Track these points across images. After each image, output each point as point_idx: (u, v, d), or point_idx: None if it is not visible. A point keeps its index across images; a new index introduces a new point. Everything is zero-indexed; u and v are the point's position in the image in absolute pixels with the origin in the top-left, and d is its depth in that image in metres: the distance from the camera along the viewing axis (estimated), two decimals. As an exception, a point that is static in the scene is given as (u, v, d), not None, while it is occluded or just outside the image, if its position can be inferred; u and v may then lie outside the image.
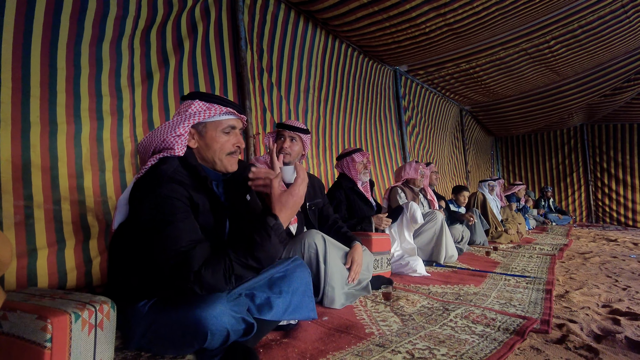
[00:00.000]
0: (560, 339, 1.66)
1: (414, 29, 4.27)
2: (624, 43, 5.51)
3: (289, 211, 1.38)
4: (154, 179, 1.30)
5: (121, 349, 1.37)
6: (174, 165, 1.35)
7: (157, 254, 1.22)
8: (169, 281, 1.23)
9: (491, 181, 6.20)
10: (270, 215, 1.34)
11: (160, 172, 1.31)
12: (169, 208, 1.25)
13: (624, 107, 8.33)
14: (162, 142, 1.40)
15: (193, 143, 1.44)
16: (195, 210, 1.34)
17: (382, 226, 2.89)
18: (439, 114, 7.30)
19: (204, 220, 1.37)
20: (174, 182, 1.29)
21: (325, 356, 1.36)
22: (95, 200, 2.27)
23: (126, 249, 1.35)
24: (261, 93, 3.62)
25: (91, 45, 2.30)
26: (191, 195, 1.32)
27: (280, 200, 1.37)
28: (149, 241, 1.25)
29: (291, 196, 1.38)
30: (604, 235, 6.43)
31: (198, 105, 1.42)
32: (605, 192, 9.71)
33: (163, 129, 1.41)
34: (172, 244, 1.21)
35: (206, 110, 1.42)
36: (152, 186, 1.28)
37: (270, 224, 1.31)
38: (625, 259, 3.97)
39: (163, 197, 1.26)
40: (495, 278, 2.86)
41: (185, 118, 1.40)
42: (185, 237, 1.23)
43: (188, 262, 1.19)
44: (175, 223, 1.23)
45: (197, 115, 1.41)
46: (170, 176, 1.30)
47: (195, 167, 1.41)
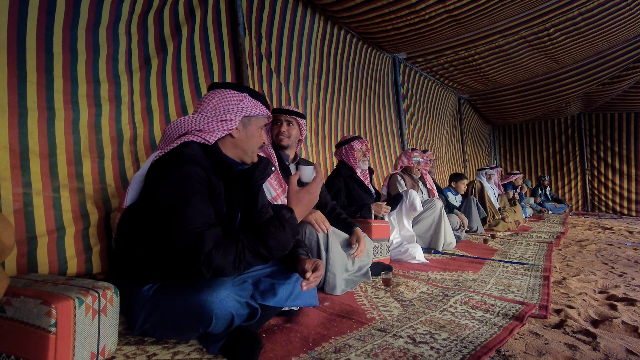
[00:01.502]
0: (558, 324, 1.69)
1: (414, 15, 4.22)
2: (624, 31, 5.49)
3: (304, 207, 1.45)
4: (177, 159, 1.32)
5: (125, 334, 1.37)
6: (195, 149, 1.38)
7: (170, 232, 1.23)
8: (177, 261, 1.23)
9: (489, 169, 6.22)
10: (286, 209, 1.39)
11: (183, 154, 1.34)
12: (188, 188, 1.27)
13: (621, 95, 8.33)
14: (201, 126, 1.43)
15: (236, 132, 1.50)
16: (211, 196, 1.36)
17: (381, 213, 2.90)
18: (438, 102, 7.27)
19: (218, 206, 1.39)
20: (195, 165, 1.32)
21: (328, 341, 1.37)
22: (95, 187, 2.26)
23: (135, 229, 1.36)
24: (260, 80, 3.59)
25: (87, 30, 2.26)
26: (210, 179, 1.35)
27: (297, 196, 1.44)
28: (163, 219, 1.26)
29: (308, 194, 1.46)
30: (599, 224, 6.49)
31: (249, 101, 1.50)
32: (601, 181, 9.77)
33: (206, 116, 1.45)
34: (187, 224, 1.22)
35: (253, 107, 1.51)
36: (175, 165, 1.31)
37: (286, 216, 1.35)
38: (620, 247, 4.01)
39: (184, 177, 1.28)
40: (494, 265, 2.88)
41: (237, 109, 1.47)
42: (200, 218, 1.24)
43: (200, 243, 1.19)
44: (192, 203, 1.25)
45: (248, 109, 1.49)
46: (193, 158, 1.33)
47: (220, 154, 1.46)
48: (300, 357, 1.23)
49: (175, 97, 2.83)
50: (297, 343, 1.34)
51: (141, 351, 1.25)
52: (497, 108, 8.90)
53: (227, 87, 1.50)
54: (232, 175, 1.47)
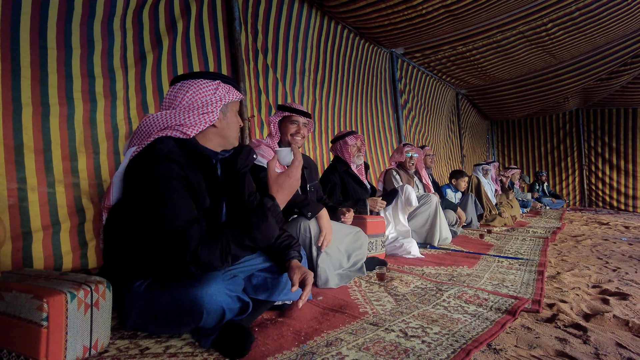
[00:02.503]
0: (550, 318, 1.70)
1: (411, 10, 4.21)
2: (622, 26, 5.48)
3: (286, 192, 1.39)
4: (150, 158, 1.30)
5: (118, 329, 1.38)
6: (169, 144, 1.35)
7: (153, 233, 1.23)
8: (165, 261, 1.24)
9: (485, 165, 6.23)
10: (268, 197, 1.36)
11: (156, 151, 1.31)
12: (165, 187, 1.25)
13: (619, 91, 8.33)
14: (180, 120, 1.39)
15: (218, 122, 1.46)
16: (191, 190, 1.34)
17: (376, 208, 2.91)
18: (435, 97, 7.27)
19: (200, 200, 1.37)
20: (169, 161, 1.29)
21: (320, 334, 1.38)
22: (90, 183, 2.26)
23: (121, 228, 1.35)
24: (256, 75, 3.58)
25: (82, 25, 2.26)
26: (187, 175, 1.33)
27: (277, 182, 1.39)
28: (145, 220, 1.26)
29: (288, 178, 1.39)
30: (596, 219, 6.51)
31: (223, 87, 1.46)
32: (598, 176, 9.79)
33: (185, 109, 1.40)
34: (169, 224, 1.21)
35: (229, 92, 1.48)
36: (148, 165, 1.28)
37: (267, 204, 1.32)
38: (616, 242, 4.03)
39: (159, 176, 1.26)
40: (489, 260, 2.90)
41: (215, 99, 1.43)
42: (181, 216, 1.24)
43: (184, 241, 1.19)
44: (171, 202, 1.24)
45: (226, 97, 1.46)
46: (166, 155, 1.30)
47: (196, 146, 1.42)
48: (291, 351, 1.24)
49: (171, 92, 2.82)
50: (289, 337, 1.35)
51: (134, 345, 1.26)
52: (495, 103, 8.90)
53: (197, 77, 1.44)
54: (211, 166, 1.45)
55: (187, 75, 1.45)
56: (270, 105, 3.69)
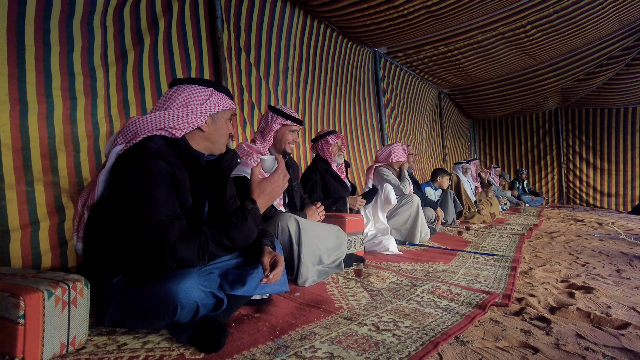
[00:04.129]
0: (518, 312, 1.77)
1: (392, 11, 4.28)
2: (597, 29, 5.65)
3: (267, 197, 1.48)
4: (140, 154, 1.34)
5: (96, 326, 1.40)
6: (159, 143, 1.39)
7: (135, 226, 1.27)
8: (143, 254, 1.28)
9: (465, 163, 6.36)
10: (249, 199, 1.43)
11: (146, 148, 1.35)
12: (152, 182, 1.30)
13: (595, 91, 8.59)
14: (171, 123, 1.43)
15: (205, 127, 1.51)
16: (176, 188, 1.39)
17: (356, 207, 2.96)
18: (418, 96, 7.36)
19: (183, 198, 1.42)
20: (159, 158, 1.34)
21: (295, 329, 1.43)
22: (70, 181, 2.26)
23: (103, 223, 1.38)
24: (238, 73, 3.60)
25: (60, 22, 2.25)
26: (174, 172, 1.37)
27: (259, 186, 1.47)
28: (128, 213, 1.29)
29: (270, 183, 1.48)
30: (572, 216, 6.69)
31: (216, 96, 1.52)
32: (576, 174, 10.07)
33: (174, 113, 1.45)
34: (151, 217, 1.26)
35: (220, 101, 1.53)
36: (138, 160, 1.32)
37: (248, 207, 1.40)
38: (588, 238, 4.17)
39: (147, 171, 1.30)
40: (465, 256, 2.97)
41: (205, 107, 1.48)
42: (164, 211, 1.28)
43: (164, 235, 1.24)
44: (156, 197, 1.28)
45: (216, 106, 1.51)
46: (156, 152, 1.34)
47: (186, 146, 1.47)
48: (266, 345, 1.28)
49: (153, 91, 2.83)
50: (265, 332, 1.39)
51: (112, 341, 1.29)
52: (476, 103, 9.06)
53: (191, 82, 1.51)
54: (199, 167, 1.50)
55: (184, 80, 1.52)
56: (252, 104, 3.71)
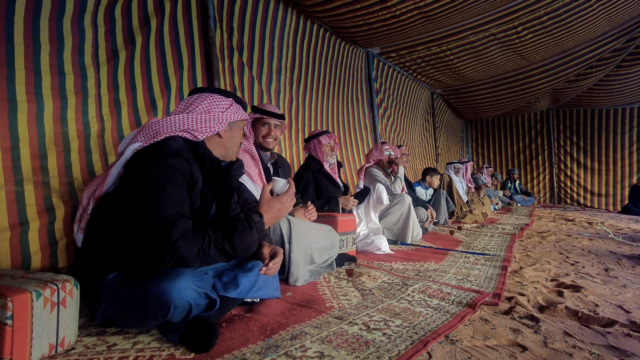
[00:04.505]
0: (507, 310, 1.79)
1: (385, 11, 4.29)
2: (587, 31, 5.70)
3: (273, 215, 1.55)
4: (161, 151, 1.41)
5: (86, 326, 1.40)
6: (180, 143, 1.48)
7: (143, 217, 1.30)
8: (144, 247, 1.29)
9: (457, 163, 6.40)
10: (257, 213, 1.50)
11: (169, 146, 1.43)
12: (170, 177, 1.34)
13: (586, 92, 8.67)
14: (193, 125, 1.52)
15: (224, 133, 1.60)
16: (191, 188, 1.43)
17: (348, 207, 2.97)
18: (411, 96, 7.39)
19: (194, 199, 1.45)
20: (180, 157, 1.40)
21: (285, 328, 1.43)
22: (61, 181, 2.24)
23: (108, 215, 1.41)
24: (231, 73, 3.59)
25: (50, 20, 2.23)
26: (193, 173, 1.42)
27: (268, 204, 1.55)
28: (140, 204, 1.32)
29: (279, 203, 1.57)
30: (563, 216, 6.76)
31: (235, 106, 1.63)
32: (567, 174, 10.17)
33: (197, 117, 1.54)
34: (162, 211, 1.28)
35: (238, 111, 1.64)
36: (160, 155, 1.38)
37: (255, 219, 1.46)
38: (578, 237, 4.22)
39: (168, 166, 1.35)
40: (456, 256, 3.00)
41: (225, 115, 1.59)
42: (174, 207, 1.31)
43: (169, 231, 1.26)
44: (170, 192, 1.32)
45: (234, 115, 1.62)
46: (178, 151, 1.42)
47: (205, 150, 1.56)
48: (257, 345, 1.29)
49: (144, 90, 2.82)
50: (256, 331, 1.40)
51: (102, 342, 1.28)
52: (469, 103, 9.11)
53: (213, 92, 1.61)
54: (218, 171, 1.58)
55: (205, 89, 1.63)
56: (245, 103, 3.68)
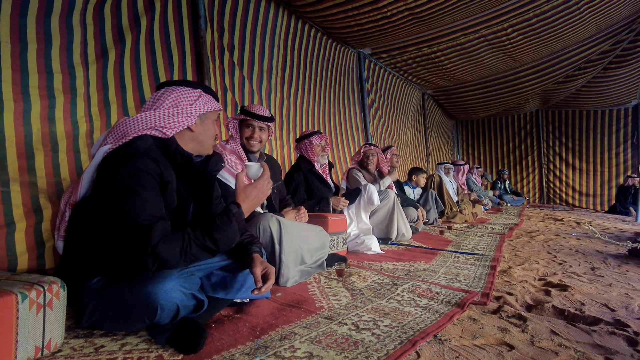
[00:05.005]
0: (496, 310, 1.81)
1: (376, 12, 4.31)
2: (575, 33, 5.78)
3: (251, 202, 1.50)
4: (129, 153, 1.35)
5: (74, 328, 1.39)
6: (148, 142, 1.41)
7: (118, 223, 1.27)
8: (125, 253, 1.27)
9: (447, 164, 6.45)
10: (234, 203, 1.45)
11: (136, 147, 1.37)
12: (140, 181, 1.30)
13: (574, 94, 8.80)
14: (161, 122, 1.46)
15: (195, 127, 1.54)
16: (163, 188, 1.39)
17: (339, 207, 2.98)
18: (402, 97, 7.42)
19: (169, 199, 1.42)
20: (148, 158, 1.35)
21: (275, 329, 1.43)
22: (48, 181, 2.22)
23: (85, 222, 1.38)
24: (222, 72, 3.58)
25: (38, 18, 2.20)
26: (162, 173, 1.38)
27: (245, 191, 1.50)
28: (112, 211, 1.29)
29: (255, 189, 1.51)
30: (552, 215, 6.83)
31: (204, 97, 1.56)
32: (556, 174, 10.30)
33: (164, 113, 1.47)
34: (136, 216, 1.25)
35: (208, 102, 1.57)
36: (126, 159, 1.33)
37: (232, 210, 1.42)
38: (566, 237, 4.27)
39: (136, 170, 1.31)
40: (446, 255, 3.02)
41: (194, 108, 1.52)
42: (149, 211, 1.28)
43: (147, 235, 1.24)
44: (142, 195, 1.29)
45: (204, 106, 1.55)
46: (145, 151, 1.36)
47: (177, 147, 1.49)
48: (246, 345, 1.28)
49: (134, 90, 2.80)
50: (245, 332, 1.39)
51: (89, 344, 1.27)
52: (459, 104, 9.18)
53: (180, 84, 1.54)
54: (189, 167, 1.52)
55: (172, 82, 1.55)
56: (236, 103, 3.70)
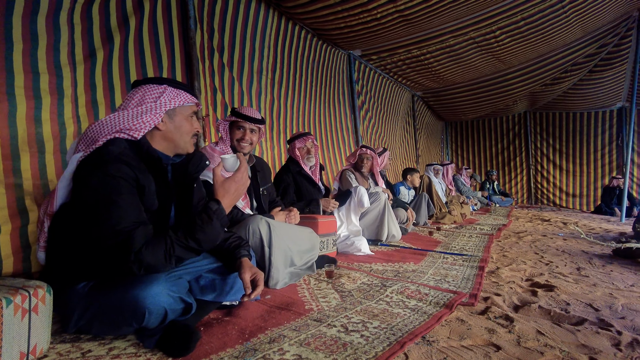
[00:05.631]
0: (483, 311, 1.83)
1: (366, 14, 4.33)
2: (561, 36, 5.87)
3: (231, 197, 1.46)
4: (101, 159, 1.31)
5: (60, 333, 1.37)
6: (121, 146, 1.36)
7: (99, 232, 1.24)
8: (109, 261, 1.25)
9: (436, 165, 6.51)
10: (213, 200, 1.41)
11: (108, 152, 1.32)
12: (115, 187, 1.27)
13: (561, 96, 8.94)
14: (127, 124, 1.41)
15: (162, 125, 1.48)
16: (140, 192, 1.36)
17: (329, 209, 2.99)
18: (392, 99, 7.46)
19: (149, 202, 1.39)
20: (121, 163, 1.30)
21: (264, 332, 1.43)
22: (34, 183, 2.19)
23: (67, 230, 1.35)
24: (211, 73, 3.56)
25: (24, 18, 2.18)
26: (137, 177, 1.34)
27: (223, 186, 1.45)
28: (92, 220, 1.26)
29: (234, 182, 1.46)
30: (539, 216, 6.92)
31: (170, 92, 1.48)
32: (544, 175, 10.44)
33: (129, 113, 1.42)
34: (115, 224, 1.23)
35: (176, 97, 1.50)
36: (99, 165, 1.29)
37: (212, 208, 1.38)
38: (553, 237, 4.33)
39: (109, 176, 1.27)
40: (435, 256, 3.04)
41: (158, 104, 1.45)
42: (128, 217, 1.26)
43: (129, 242, 1.22)
44: (119, 203, 1.26)
45: (170, 102, 1.48)
46: (117, 156, 1.31)
47: (148, 149, 1.44)
48: (235, 348, 1.28)
49: (123, 91, 2.78)
50: (234, 335, 1.39)
51: (76, 349, 1.26)
52: (449, 105, 9.26)
53: (147, 82, 1.49)
54: (161, 169, 1.47)
55: (141, 81, 1.50)
56: (226, 104, 3.69)
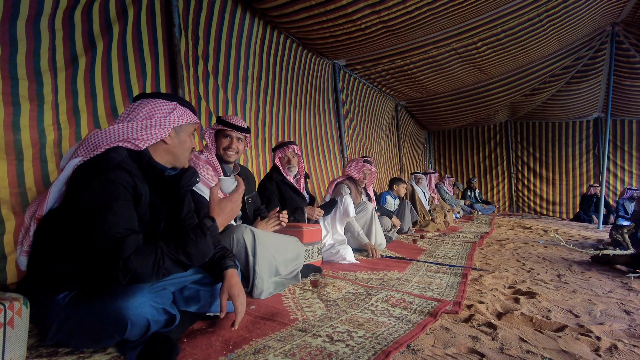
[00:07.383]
0: (467, 318, 1.84)
1: (350, 24, 4.38)
2: (540, 48, 6.06)
3: (226, 216, 1.50)
4: (103, 164, 1.32)
5: (36, 347, 1.33)
6: (122, 154, 1.38)
7: (91, 236, 1.23)
8: (96, 267, 1.23)
9: (418, 174, 6.59)
10: (209, 217, 1.44)
11: (110, 159, 1.34)
12: (113, 193, 1.27)
13: (540, 106, 9.19)
14: (134, 134, 1.44)
15: (169, 139, 1.52)
16: (137, 201, 1.36)
17: (314, 217, 2.98)
18: (376, 108, 7.55)
19: (142, 212, 1.39)
20: (122, 170, 1.32)
21: (249, 343, 1.41)
22: (12, 191, 2.14)
23: (53, 236, 1.33)
24: (196, 81, 3.55)
25: (3, 22, 2.14)
26: (136, 185, 1.35)
27: (219, 205, 1.50)
28: (84, 224, 1.25)
29: (230, 202, 1.52)
30: (521, 224, 7.05)
31: (179, 109, 1.55)
32: (524, 183, 10.67)
33: (138, 125, 1.46)
34: (109, 229, 1.22)
35: (184, 115, 1.56)
36: (100, 171, 1.30)
37: (207, 224, 1.41)
38: (534, 245, 4.41)
39: (109, 182, 1.28)
40: (419, 264, 3.06)
41: (168, 120, 1.50)
42: (122, 224, 1.25)
43: (120, 248, 1.21)
44: (115, 208, 1.25)
45: (179, 119, 1.54)
46: (119, 163, 1.33)
47: (150, 160, 1.47)
48: (219, 360, 1.27)
49: (105, 98, 2.74)
50: (218, 346, 1.37)
51: (53, 362, 1.23)
52: (431, 115, 9.42)
53: (156, 97, 1.53)
54: (162, 180, 1.49)
55: (149, 95, 1.54)
56: (210, 112, 3.67)
